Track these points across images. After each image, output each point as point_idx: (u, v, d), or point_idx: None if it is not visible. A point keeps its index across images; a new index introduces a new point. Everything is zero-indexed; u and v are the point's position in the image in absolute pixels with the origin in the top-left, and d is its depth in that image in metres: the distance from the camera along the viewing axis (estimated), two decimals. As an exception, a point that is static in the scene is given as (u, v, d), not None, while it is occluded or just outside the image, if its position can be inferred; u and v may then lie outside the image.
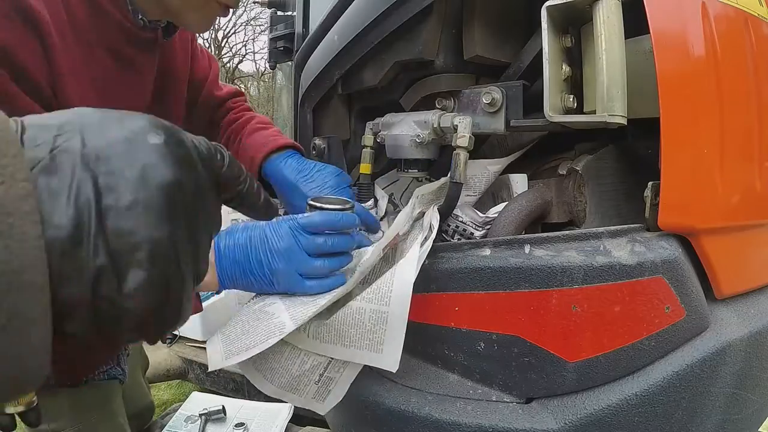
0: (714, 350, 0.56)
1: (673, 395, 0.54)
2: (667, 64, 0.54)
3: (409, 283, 0.56)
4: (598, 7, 0.54)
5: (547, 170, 0.74)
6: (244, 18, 12.65)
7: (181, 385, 2.17)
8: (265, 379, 0.63)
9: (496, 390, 0.59)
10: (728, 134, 0.56)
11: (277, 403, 1.39)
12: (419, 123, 0.71)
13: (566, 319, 0.54)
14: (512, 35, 0.73)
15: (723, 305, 0.60)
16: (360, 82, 0.81)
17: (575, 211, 0.67)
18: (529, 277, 0.55)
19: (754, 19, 0.62)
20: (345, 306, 0.58)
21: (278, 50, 1.12)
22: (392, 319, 0.57)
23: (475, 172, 0.72)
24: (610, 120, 0.53)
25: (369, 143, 0.81)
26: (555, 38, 0.58)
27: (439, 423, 0.58)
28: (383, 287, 0.57)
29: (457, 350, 0.61)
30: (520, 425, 0.55)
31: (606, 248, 0.55)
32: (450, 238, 0.70)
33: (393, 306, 0.56)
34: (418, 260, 0.60)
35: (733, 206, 0.58)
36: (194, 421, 1.33)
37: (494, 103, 0.66)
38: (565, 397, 0.56)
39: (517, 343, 0.57)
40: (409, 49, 0.72)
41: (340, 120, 0.90)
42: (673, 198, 0.55)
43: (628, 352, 0.54)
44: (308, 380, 0.62)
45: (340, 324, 0.58)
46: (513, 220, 0.65)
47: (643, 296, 0.54)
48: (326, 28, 0.82)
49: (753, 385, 0.62)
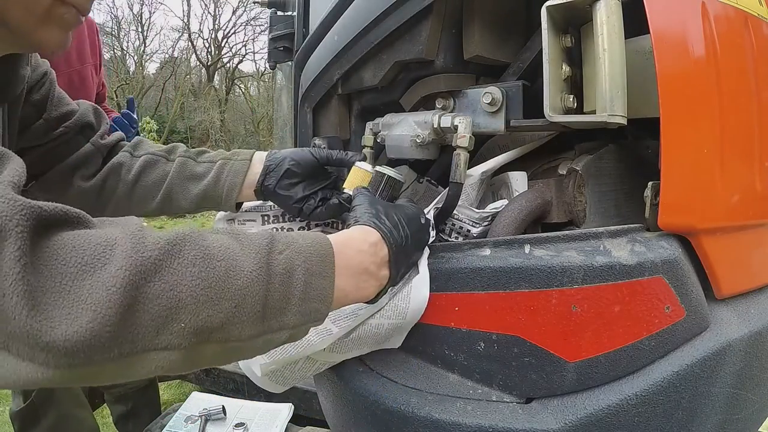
0: (714, 350, 0.56)
1: (673, 395, 0.54)
2: (667, 64, 0.54)
3: (425, 298, 0.60)
4: (598, 7, 0.54)
5: (547, 170, 0.74)
6: (244, 18, 12.66)
7: (181, 385, 2.17)
8: (277, 383, 0.69)
9: (496, 390, 0.59)
10: (728, 134, 0.56)
11: (277, 404, 1.39)
12: (419, 123, 0.71)
13: (566, 319, 0.54)
14: (512, 35, 0.73)
15: (723, 305, 0.60)
16: (360, 82, 0.81)
17: (575, 211, 0.67)
18: (529, 277, 0.55)
19: (754, 19, 0.62)
20: (365, 324, 0.62)
21: (278, 50, 1.12)
22: (405, 325, 0.62)
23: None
24: (610, 120, 0.53)
25: (369, 143, 0.81)
26: (555, 38, 0.58)
27: (439, 423, 0.58)
28: (401, 304, 0.61)
29: (457, 350, 0.61)
30: (520, 425, 0.55)
31: (606, 248, 0.55)
32: (448, 237, 0.70)
33: (408, 318, 0.61)
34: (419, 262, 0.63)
35: (733, 206, 0.58)
36: (194, 421, 1.33)
37: (494, 103, 0.66)
38: (565, 397, 0.56)
39: (517, 343, 0.57)
40: (410, 49, 0.72)
41: (340, 120, 0.90)
42: (673, 198, 0.55)
43: (628, 352, 0.54)
44: (311, 372, 0.69)
45: (360, 337, 0.62)
46: (513, 220, 0.65)
47: (643, 296, 0.54)
48: (326, 27, 0.82)
49: (753, 385, 0.62)
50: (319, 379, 0.79)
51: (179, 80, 14.64)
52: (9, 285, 0.30)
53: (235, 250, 0.41)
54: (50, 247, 0.33)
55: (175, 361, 0.37)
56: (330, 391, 0.75)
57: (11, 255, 0.31)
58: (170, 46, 16.68)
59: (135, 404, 1.56)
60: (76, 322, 0.32)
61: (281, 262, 0.43)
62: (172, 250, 0.37)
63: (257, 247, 0.43)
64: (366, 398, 0.65)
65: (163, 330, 0.35)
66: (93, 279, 0.33)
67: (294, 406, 1.40)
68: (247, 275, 0.40)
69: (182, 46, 15.45)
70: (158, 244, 0.37)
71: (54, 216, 0.35)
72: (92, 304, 0.32)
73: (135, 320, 0.34)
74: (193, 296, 0.37)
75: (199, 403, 1.40)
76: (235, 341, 0.40)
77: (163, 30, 17.20)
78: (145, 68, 14.67)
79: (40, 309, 0.31)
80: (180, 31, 15.04)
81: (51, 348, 0.31)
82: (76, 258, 0.33)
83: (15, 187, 0.35)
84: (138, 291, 0.34)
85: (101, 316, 0.32)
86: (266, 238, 0.44)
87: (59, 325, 0.31)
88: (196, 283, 0.37)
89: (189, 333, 0.36)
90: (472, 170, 0.71)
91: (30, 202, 0.33)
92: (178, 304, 0.36)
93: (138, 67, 14.30)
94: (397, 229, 0.55)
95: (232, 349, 0.40)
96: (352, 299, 0.51)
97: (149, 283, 0.35)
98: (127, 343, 0.34)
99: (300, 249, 0.45)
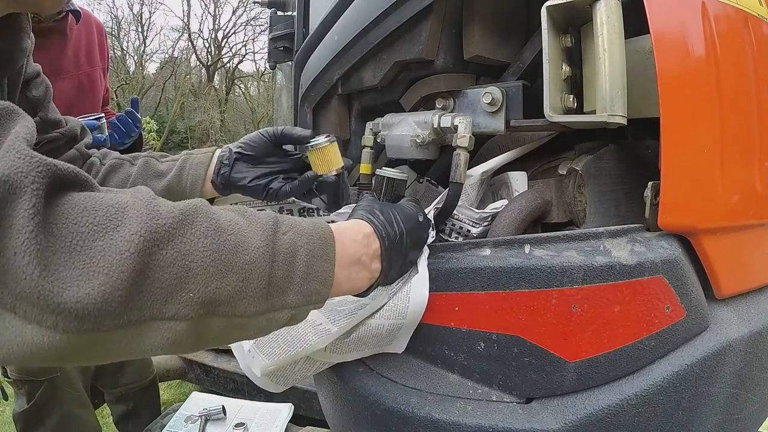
0: (714, 350, 0.56)
1: (673, 395, 0.54)
2: (667, 64, 0.54)
3: (425, 298, 0.60)
4: (598, 7, 0.54)
5: (547, 170, 0.74)
6: (244, 18, 12.66)
7: (181, 385, 2.17)
8: (277, 384, 0.69)
9: (496, 390, 0.59)
10: (728, 134, 0.56)
11: (277, 404, 1.39)
12: (419, 123, 0.71)
13: (566, 319, 0.54)
14: (512, 35, 0.73)
15: (723, 305, 0.60)
16: (360, 82, 0.81)
17: (575, 211, 0.67)
18: (529, 277, 0.55)
19: (754, 19, 0.62)
20: (364, 324, 0.62)
21: (278, 50, 1.12)
22: (407, 325, 0.62)
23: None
24: (610, 120, 0.53)
25: (369, 143, 0.81)
26: (555, 38, 0.58)
27: (439, 423, 0.58)
28: (400, 304, 0.61)
29: (457, 350, 0.61)
30: (520, 425, 0.55)
31: (606, 248, 0.55)
32: (448, 237, 0.70)
33: (409, 318, 0.61)
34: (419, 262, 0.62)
35: (732, 206, 0.58)
36: (194, 421, 1.33)
37: (494, 103, 0.66)
38: (565, 397, 0.56)
39: (517, 343, 0.57)
40: (410, 49, 0.72)
41: (340, 120, 0.90)
42: (673, 198, 0.55)
43: (628, 352, 0.54)
44: (310, 372, 0.69)
45: (359, 338, 0.62)
46: (513, 220, 0.65)
47: (643, 296, 0.54)
48: (326, 27, 0.82)
49: (753, 385, 0.62)
50: (319, 379, 0.79)
51: (179, 80, 14.65)
52: (21, 244, 0.29)
53: (243, 226, 0.42)
54: (61, 207, 0.33)
55: (182, 333, 0.36)
56: (330, 391, 0.75)
57: (25, 213, 0.30)
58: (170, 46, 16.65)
59: (135, 404, 1.56)
60: (88, 284, 0.31)
61: (285, 242, 0.44)
62: (185, 219, 0.38)
63: (263, 225, 0.43)
64: (366, 398, 0.65)
65: (172, 299, 0.35)
66: (105, 241, 0.33)
67: (294, 406, 1.40)
68: (254, 251, 0.41)
69: (182, 46, 15.44)
70: (172, 213, 0.37)
71: (68, 176, 0.34)
72: (105, 267, 0.32)
73: (145, 287, 0.34)
74: (203, 267, 0.37)
75: (199, 403, 1.40)
76: (240, 317, 0.40)
77: (163, 30, 17.19)
78: (145, 68, 14.69)
79: (51, 269, 0.30)
80: (180, 31, 15.04)
81: (62, 310, 0.30)
82: (88, 218, 0.33)
83: (28, 144, 0.34)
84: (150, 257, 0.34)
85: (113, 280, 0.32)
86: (272, 218, 0.45)
87: (70, 287, 0.31)
88: (207, 254, 0.37)
89: (197, 303, 0.37)
90: (472, 170, 0.71)
91: (46, 160, 0.32)
92: (188, 273, 0.36)
93: (138, 67, 14.31)
94: (391, 224, 0.56)
95: (237, 325, 0.40)
96: (345, 289, 0.51)
97: (161, 250, 0.35)
98: (135, 309, 0.34)
99: (302, 231, 0.46)
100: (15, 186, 0.30)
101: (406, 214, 0.59)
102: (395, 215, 0.57)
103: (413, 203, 0.63)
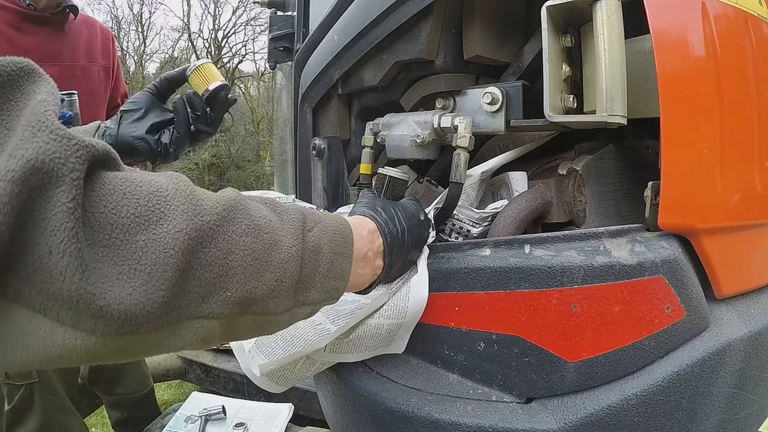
0: (714, 350, 0.56)
1: (673, 395, 0.54)
2: (667, 64, 0.54)
3: (424, 298, 0.60)
4: (598, 7, 0.54)
5: (547, 170, 0.74)
6: (244, 18, 12.66)
7: (181, 385, 2.17)
8: (277, 384, 0.69)
9: (496, 390, 0.59)
10: (728, 134, 0.56)
11: (277, 404, 1.39)
12: (419, 123, 0.71)
13: (566, 319, 0.54)
14: (512, 35, 0.73)
15: (723, 305, 0.60)
16: (360, 82, 0.81)
17: (575, 211, 0.67)
18: (529, 277, 0.55)
19: (754, 19, 0.62)
20: (364, 324, 0.62)
21: (278, 50, 1.12)
22: (406, 325, 0.62)
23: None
24: (610, 120, 0.53)
25: (369, 143, 0.81)
26: (555, 38, 0.58)
27: (439, 423, 0.58)
28: (400, 303, 0.61)
29: (457, 350, 0.61)
30: (520, 425, 0.55)
31: (606, 248, 0.55)
32: (448, 237, 0.70)
33: (408, 318, 0.61)
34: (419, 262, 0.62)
35: (733, 206, 0.58)
36: (194, 421, 1.33)
37: (494, 103, 0.66)
38: (565, 397, 0.56)
39: (517, 343, 0.57)
40: (410, 49, 0.72)
41: (340, 120, 0.90)
42: (673, 198, 0.55)
43: (628, 352, 0.54)
44: (310, 372, 0.70)
45: (359, 338, 0.62)
46: (513, 220, 0.65)
47: (643, 296, 0.54)
48: (326, 27, 0.82)
49: (753, 385, 0.61)
50: (319, 379, 0.79)
51: (179, 80, 14.59)
52: (59, 242, 0.26)
53: (276, 223, 0.41)
54: (97, 192, 0.29)
55: (213, 331, 0.35)
56: (330, 391, 0.75)
57: (63, 207, 0.26)
58: (170, 46, 16.65)
59: (132, 412, 1.56)
60: (129, 283, 0.29)
61: (311, 239, 0.43)
62: (227, 216, 0.36)
63: (294, 222, 0.43)
64: (366, 398, 0.65)
65: (209, 298, 0.34)
66: (147, 235, 0.30)
67: (294, 406, 1.40)
68: (287, 250, 0.40)
69: (182, 46, 15.43)
70: (216, 208, 0.35)
71: (102, 155, 0.30)
72: (147, 266, 0.29)
73: (185, 286, 0.32)
74: (243, 266, 0.36)
75: (199, 403, 1.40)
76: (269, 314, 0.40)
77: (163, 30, 17.19)
78: (145, 68, 14.68)
79: (91, 268, 0.27)
80: (180, 31, 15.03)
81: (104, 313, 0.28)
82: (129, 208, 0.30)
83: (56, 116, 0.29)
84: (193, 255, 0.32)
85: (156, 279, 0.30)
86: (299, 213, 0.44)
87: (112, 287, 0.28)
88: (247, 253, 0.36)
89: (233, 302, 0.35)
90: (472, 170, 0.71)
91: (84, 140, 0.28)
92: (228, 272, 0.35)
93: (138, 67, 14.30)
94: (393, 221, 0.56)
95: (264, 323, 0.40)
96: (350, 286, 0.51)
97: (204, 248, 0.33)
98: (175, 309, 0.32)
99: (326, 228, 0.46)
100: (51, 174, 0.26)
101: (407, 212, 0.59)
102: (397, 212, 0.57)
103: (414, 201, 0.63)
